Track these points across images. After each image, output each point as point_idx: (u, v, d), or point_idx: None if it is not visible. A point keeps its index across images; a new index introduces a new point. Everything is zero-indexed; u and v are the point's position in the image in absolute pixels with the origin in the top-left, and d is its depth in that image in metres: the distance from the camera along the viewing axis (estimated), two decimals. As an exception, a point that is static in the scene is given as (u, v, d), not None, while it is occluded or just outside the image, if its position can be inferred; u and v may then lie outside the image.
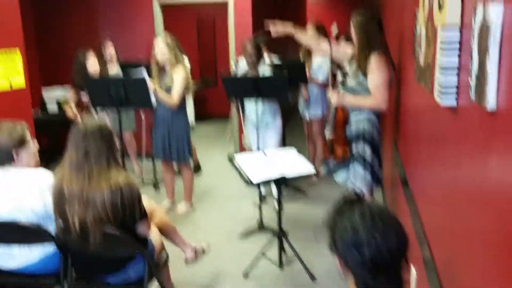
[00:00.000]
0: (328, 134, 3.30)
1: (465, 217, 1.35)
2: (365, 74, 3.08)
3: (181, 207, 4.66)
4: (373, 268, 1.23)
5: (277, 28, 3.42)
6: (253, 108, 4.42)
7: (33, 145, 2.58)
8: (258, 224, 4.13)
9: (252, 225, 4.16)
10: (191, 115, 5.65)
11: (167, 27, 6.44)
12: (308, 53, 4.96)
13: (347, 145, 3.21)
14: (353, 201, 1.34)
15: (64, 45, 6.17)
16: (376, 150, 3.17)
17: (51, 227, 2.44)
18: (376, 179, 3.20)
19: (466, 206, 1.35)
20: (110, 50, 5.30)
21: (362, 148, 3.14)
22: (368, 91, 3.07)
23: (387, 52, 3.14)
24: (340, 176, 3.31)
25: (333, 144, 3.25)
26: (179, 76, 4.19)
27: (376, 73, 3.02)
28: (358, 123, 3.16)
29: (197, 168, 5.77)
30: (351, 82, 3.19)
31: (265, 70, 4.44)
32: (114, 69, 5.28)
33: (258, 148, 4.26)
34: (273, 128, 4.53)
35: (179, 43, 4.31)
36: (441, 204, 1.73)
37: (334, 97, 3.15)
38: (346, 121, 3.20)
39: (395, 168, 3.28)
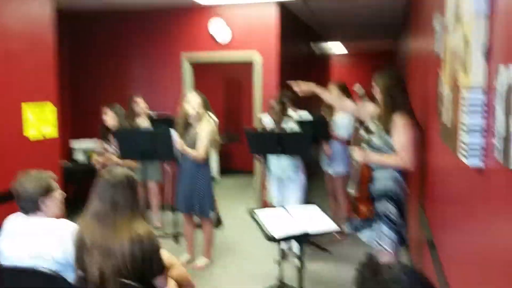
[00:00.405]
0: (352, 191, 3.27)
1: (494, 282, 1.29)
2: (388, 132, 3.09)
3: (200, 261, 4.60)
4: None
5: (302, 87, 3.51)
6: (277, 162, 4.43)
7: (59, 195, 2.63)
8: (279, 283, 4.02)
9: (273, 283, 4.05)
10: (215, 169, 5.70)
11: (195, 84, 6.65)
12: (331, 110, 5.03)
13: (372, 203, 3.16)
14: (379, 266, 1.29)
15: (95, 100, 6.39)
16: (401, 210, 3.11)
17: (71, 277, 2.43)
18: (401, 238, 3.12)
19: (495, 270, 1.30)
20: (140, 104, 5.48)
21: (386, 207, 3.09)
22: (393, 149, 3.06)
23: (411, 112, 3.15)
24: (365, 235, 3.23)
25: (357, 202, 3.21)
26: (205, 130, 4.28)
27: (401, 132, 3.03)
28: (382, 180, 3.13)
29: (218, 222, 5.73)
30: (376, 140, 3.19)
31: (290, 126, 4.49)
32: (145, 123, 5.43)
33: (280, 204, 4.24)
34: (296, 183, 4.51)
35: (207, 100, 4.44)
36: (469, 268, 1.66)
37: (359, 154, 3.14)
38: (370, 178, 3.17)
39: (421, 229, 3.20)
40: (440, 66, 2.34)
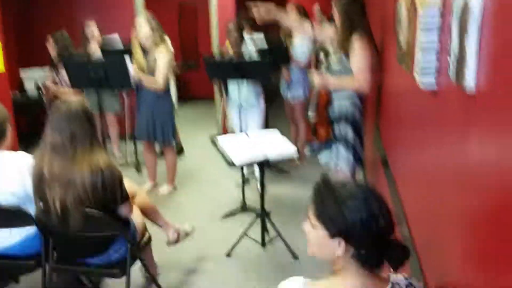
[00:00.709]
0: (311, 116, 3.31)
1: (444, 197, 1.37)
2: (347, 55, 3.09)
3: (164, 189, 4.65)
4: (379, 239, 1.25)
5: (261, 13, 3.38)
6: (237, 89, 4.40)
7: (10, 130, 2.54)
8: (241, 205, 4.15)
9: (235, 206, 4.18)
10: (174, 98, 5.60)
11: (148, 8, 6.33)
12: (289, 34, 4.95)
13: (330, 127, 3.23)
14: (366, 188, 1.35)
15: (43, 26, 5.99)
16: (358, 131, 3.20)
17: (31, 209, 2.41)
18: (359, 159, 3.24)
19: (445, 186, 1.37)
20: (92, 29, 5.19)
21: (344, 129, 3.17)
22: (351, 72, 3.08)
23: (370, 34, 3.14)
24: (324, 157, 3.34)
25: (316, 125, 3.27)
26: (163, 58, 4.14)
27: (359, 55, 3.04)
28: (340, 104, 3.19)
29: (180, 151, 5.75)
30: (334, 64, 3.19)
31: (250, 49, 4.42)
32: (98, 50, 5.16)
33: (241, 130, 4.26)
34: (256, 109, 4.53)
35: (160, 24, 4.24)
36: (420, 185, 1.76)
37: (317, 79, 3.14)
38: (328, 102, 3.22)
39: (376, 149, 3.32)
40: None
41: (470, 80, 1.06)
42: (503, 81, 0.91)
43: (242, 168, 4.24)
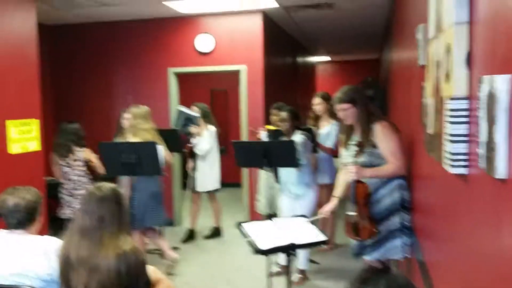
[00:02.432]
0: (352, 213, 3.09)
1: (479, 286, 1.29)
2: (374, 146, 3.06)
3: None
4: None
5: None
6: (287, 176, 4.36)
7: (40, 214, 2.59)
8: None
9: (261, 296, 4.02)
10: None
11: (182, 95, 6.64)
12: (316, 121, 5.05)
13: (374, 223, 3.03)
14: (380, 270, 1.29)
15: (80, 114, 6.28)
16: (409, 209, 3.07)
17: (55, 294, 2.38)
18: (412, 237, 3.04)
19: (479, 275, 1.30)
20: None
21: (401, 217, 3.02)
22: (382, 160, 3.06)
23: (386, 117, 3.14)
24: (373, 255, 3.10)
25: (357, 223, 3.06)
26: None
27: (386, 139, 3.02)
28: (392, 193, 3.05)
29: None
30: (364, 158, 3.11)
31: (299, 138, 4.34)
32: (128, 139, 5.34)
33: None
34: (306, 199, 4.37)
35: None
36: (454, 274, 1.66)
37: (353, 170, 3.03)
38: (367, 195, 3.05)
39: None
40: (423, 76, 2.36)
41: (501, 168, 1.05)
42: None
43: (266, 255, 4.12)
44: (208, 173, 5.64)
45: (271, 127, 5.23)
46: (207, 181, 5.65)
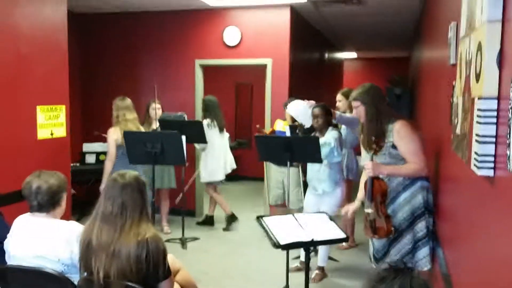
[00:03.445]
0: (369, 213, 3.02)
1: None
2: (393, 146, 2.99)
3: None
4: None
5: None
6: (314, 171, 4.33)
7: (65, 199, 2.65)
8: (285, 290, 3.98)
9: (278, 291, 4.02)
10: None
11: (207, 87, 6.67)
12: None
13: (391, 222, 2.95)
14: (398, 270, 1.27)
15: (107, 103, 6.33)
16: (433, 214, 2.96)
17: (76, 278, 2.43)
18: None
19: (505, 279, 1.26)
20: (157, 111, 5.44)
21: (428, 222, 2.91)
22: (402, 161, 2.99)
23: (404, 117, 3.07)
24: (393, 255, 3.02)
25: (375, 222, 2.99)
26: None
27: (410, 139, 2.95)
28: (415, 196, 2.95)
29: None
30: (380, 158, 3.06)
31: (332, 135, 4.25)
32: (155, 125, 5.42)
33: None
34: (332, 197, 4.31)
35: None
36: (479, 277, 1.63)
37: (369, 167, 2.97)
38: (384, 193, 2.98)
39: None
40: (454, 76, 2.31)
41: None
42: None
43: (287, 250, 4.11)
44: (208, 165, 5.71)
45: (286, 123, 5.23)
46: (206, 173, 5.72)
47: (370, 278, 1.29)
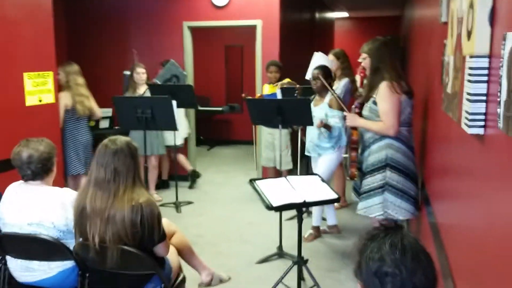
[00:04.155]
0: (345, 155, 3.43)
1: (494, 252, 1.29)
2: (374, 102, 3.11)
3: None
4: None
5: None
6: (313, 134, 4.34)
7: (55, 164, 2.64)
8: (278, 250, 4.07)
9: (272, 251, 4.10)
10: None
11: (196, 51, 6.56)
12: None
13: (355, 165, 3.36)
14: (389, 229, 1.29)
15: (95, 67, 6.22)
16: (407, 175, 3.08)
17: (72, 244, 2.46)
18: (415, 204, 3.10)
19: (494, 240, 1.29)
20: (142, 75, 5.35)
21: (387, 175, 3.07)
22: (378, 116, 3.10)
23: (402, 79, 3.11)
24: (358, 206, 3.24)
25: (349, 165, 3.36)
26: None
27: (385, 99, 3.05)
28: (380, 151, 3.11)
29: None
30: (364, 110, 3.22)
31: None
32: (142, 90, 5.35)
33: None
34: (326, 158, 4.31)
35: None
36: (468, 237, 1.66)
37: (348, 117, 3.27)
38: (354, 142, 3.35)
39: (421, 199, 3.20)
40: (445, 34, 2.28)
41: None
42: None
43: (280, 212, 4.17)
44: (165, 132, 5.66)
45: (271, 86, 5.22)
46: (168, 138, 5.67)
47: (361, 236, 1.32)
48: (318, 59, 4.64)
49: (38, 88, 3.94)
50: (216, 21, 6.20)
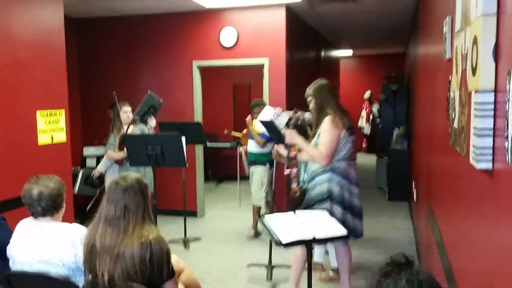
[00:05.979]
0: (286, 171, 3.86)
1: (505, 281, 1.27)
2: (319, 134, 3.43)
3: None
4: None
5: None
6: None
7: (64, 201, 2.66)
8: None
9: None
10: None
11: (205, 88, 6.68)
12: None
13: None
14: (402, 264, 1.28)
15: (107, 107, 6.23)
16: (347, 207, 3.39)
17: (81, 281, 2.44)
18: (354, 233, 3.41)
19: (505, 269, 1.28)
20: (128, 115, 5.18)
21: (327, 208, 3.31)
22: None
23: (344, 114, 3.45)
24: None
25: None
26: None
27: (326, 131, 3.36)
28: (322, 184, 3.40)
29: None
30: (315, 140, 3.52)
31: None
32: (135, 130, 5.23)
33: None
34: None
35: None
36: (479, 271, 1.64)
37: (287, 134, 3.53)
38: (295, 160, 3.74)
39: (431, 232, 3.17)
40: (450, 70, 2.32)
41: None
42: None
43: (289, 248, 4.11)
44: None
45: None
46: None
47: (374, 273, 1.30)
48: (266, 111, 4.52)
49: (50, 127, 4.01)
50: (225, 60, 6.34)
